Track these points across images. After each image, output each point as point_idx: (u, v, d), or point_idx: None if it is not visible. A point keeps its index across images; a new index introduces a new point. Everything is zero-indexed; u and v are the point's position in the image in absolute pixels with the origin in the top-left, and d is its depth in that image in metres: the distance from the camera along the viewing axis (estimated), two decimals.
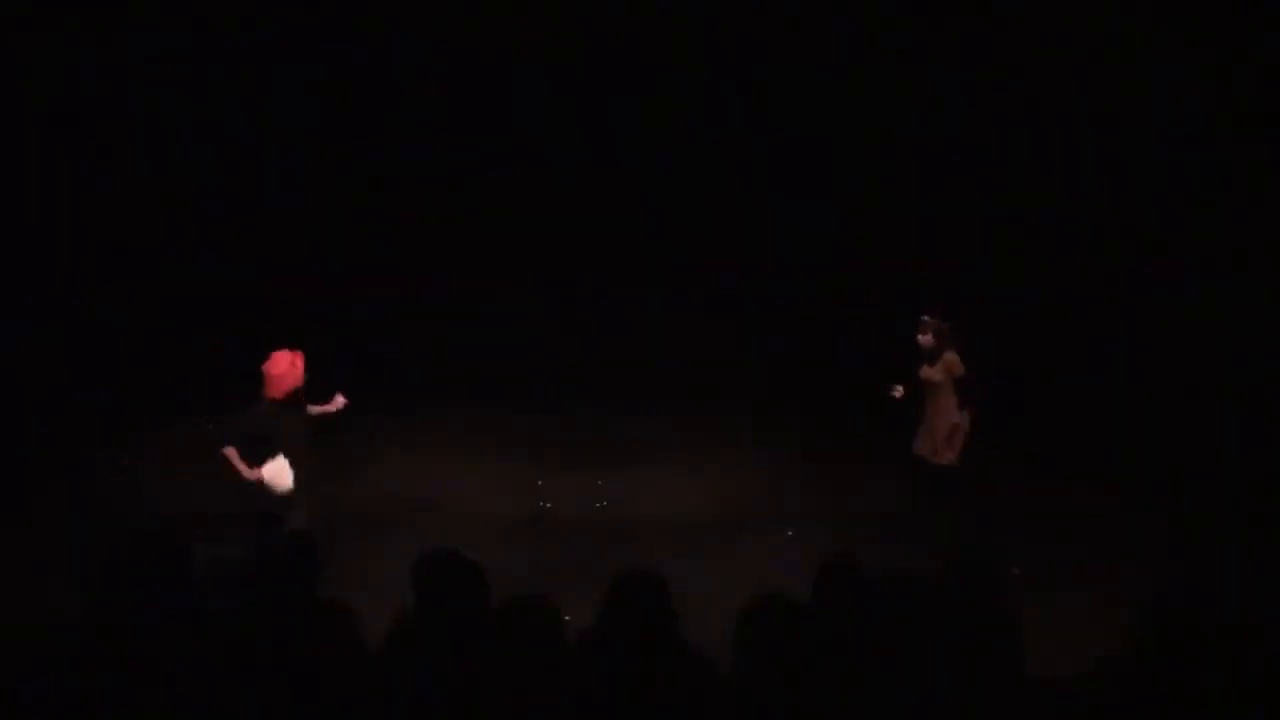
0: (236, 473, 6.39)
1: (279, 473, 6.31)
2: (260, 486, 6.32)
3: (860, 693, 3.14)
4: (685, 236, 11.52)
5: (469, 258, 11.75)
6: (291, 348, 6.44)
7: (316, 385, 6.63)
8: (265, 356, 6.43)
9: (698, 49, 11.14)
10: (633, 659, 3.20)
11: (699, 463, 9.27)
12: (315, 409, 6.70)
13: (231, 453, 6.39)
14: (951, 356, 7.42)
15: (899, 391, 7.57)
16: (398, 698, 3.25)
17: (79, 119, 10.84)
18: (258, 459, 6.35)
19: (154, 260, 11.31)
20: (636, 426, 9.88)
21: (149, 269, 11.29)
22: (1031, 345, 10.39)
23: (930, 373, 7.48)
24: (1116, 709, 3.14)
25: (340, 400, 6.84)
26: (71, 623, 3.53)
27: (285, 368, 6.33)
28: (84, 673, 3.29)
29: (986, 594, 3.66)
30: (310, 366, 6.46)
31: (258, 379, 6.39)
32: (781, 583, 3.71)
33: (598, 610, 3.35)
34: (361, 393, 9.12)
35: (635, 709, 3.09)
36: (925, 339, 7.48)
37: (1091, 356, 10.20)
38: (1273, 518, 7.47)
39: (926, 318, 7.50)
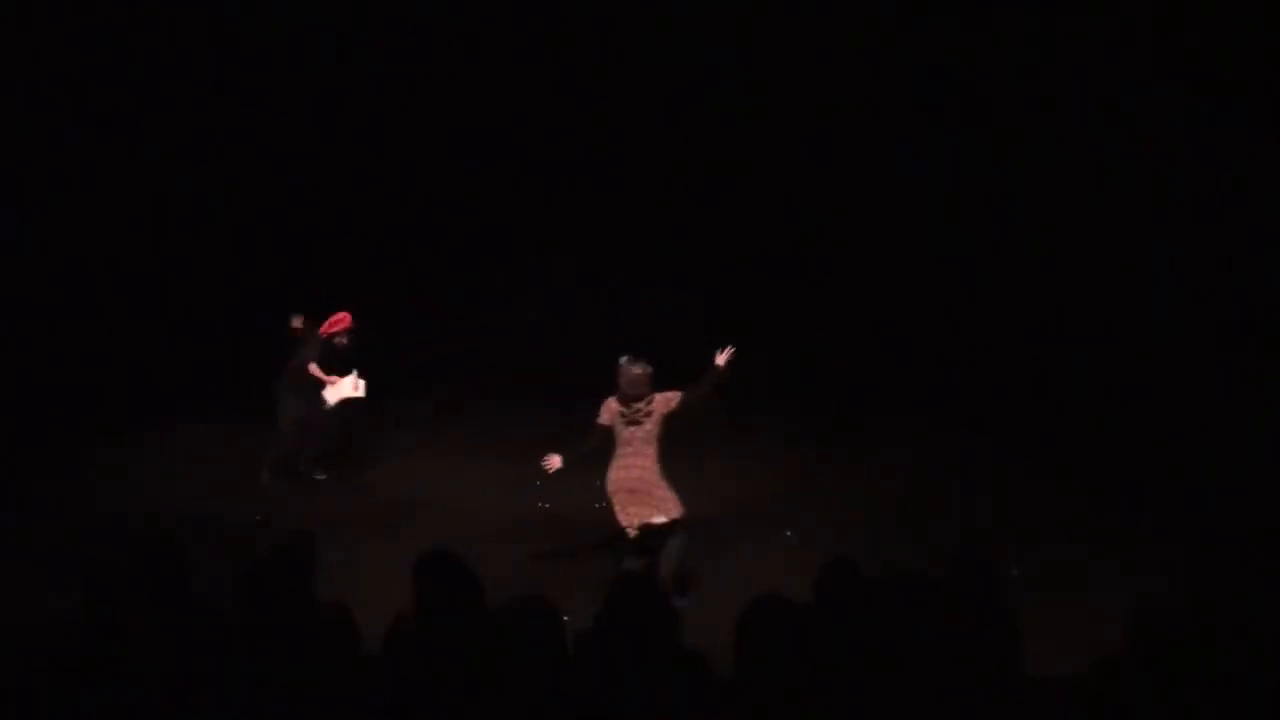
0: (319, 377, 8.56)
1: (350, 383, 8.66)
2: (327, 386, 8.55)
3: (860, 693, 3.14)
4: (684, 235, 11.52)
5: (467, 257, 11.75)
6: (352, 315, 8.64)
7: None
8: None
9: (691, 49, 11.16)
10: (632, 659, 3.20)
11: (699, 462, 9.26)
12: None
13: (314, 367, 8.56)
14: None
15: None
16: (397, 698, 3.24)
17: (79, 115, 10.84)
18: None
19: (156, 258, 11.31)
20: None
21: (150, 267, 11.30)
22: (1031, 346, 10.41)
23: None
24: (1116, 709, 3.14)
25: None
26: (71, 623, 3.53)
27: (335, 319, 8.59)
28: (83, 673, 3.29)
29: (986, 594, 3.66)
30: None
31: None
32: (781, 583, 3.71)
33: (597, 610, 3.34)
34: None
35: (634, 709, 3.08)
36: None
37: (1090, 357, 10.20)
38: (1271, 518, 7.46)
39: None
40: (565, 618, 3.29)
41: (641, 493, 6.38)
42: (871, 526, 7.70)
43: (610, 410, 6.48)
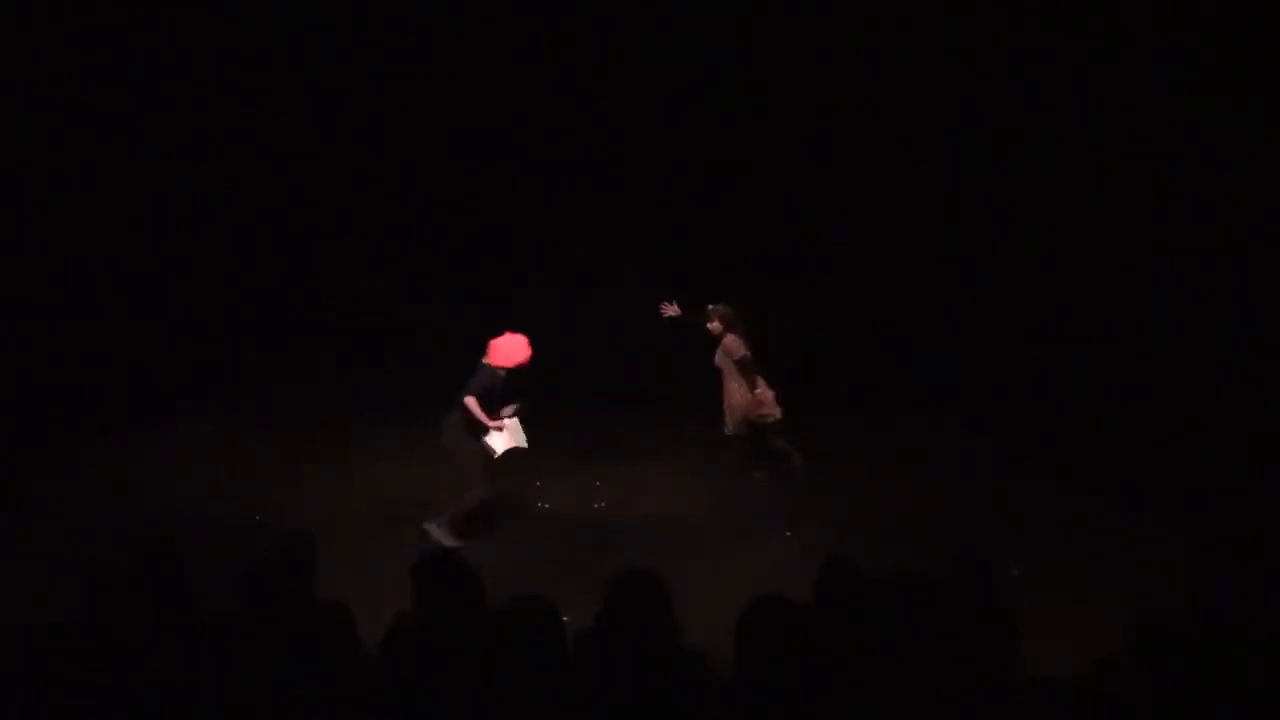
0: (480, 419, 7.29)
1: (516, 429, 7.45)
2: (491, 432, 7.33)
3: (860, 693, 3.14)
4: (685, 235, 11.52)
5: (466, 258, 11.74)
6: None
7: None
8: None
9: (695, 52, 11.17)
10: (632, 659, 3.20)
11: (698, 463, 9.25)
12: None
13: (473, 401, 7.25)
14: (730, 341, 7.96)
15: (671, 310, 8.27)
16: (397, 698, 3.25)
17: (78, 115, 10.84)
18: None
19: (156, 258, 11.31)
20: (636, 426, 9.86)
21: (150, 267, 11.29)
22: (1031, 346, 10.40)
23: (718, 359, 8.08)
24: (1115, 709, 3.14)
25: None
26: (71, 623, 3.53)
27: (520, 345, 7.35)
28: (83, 673, 3.29)
29: (986, 594, 3.66)
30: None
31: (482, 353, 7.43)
32: (781, 583, 3.71)
33: (597, 610, 3.35)
34: (360, 393, 9.06)
35: (634, 709, 3.09)
36: (712, 325, 8.06)
37: (1090, 357, 10.20)
38: (1271, 518, 7.46)
39: (711, 306, 8.03)
40: (565, 618, 3.29)
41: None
42: (871, 526, 7.70)
43: (749, 344, 7.99)
